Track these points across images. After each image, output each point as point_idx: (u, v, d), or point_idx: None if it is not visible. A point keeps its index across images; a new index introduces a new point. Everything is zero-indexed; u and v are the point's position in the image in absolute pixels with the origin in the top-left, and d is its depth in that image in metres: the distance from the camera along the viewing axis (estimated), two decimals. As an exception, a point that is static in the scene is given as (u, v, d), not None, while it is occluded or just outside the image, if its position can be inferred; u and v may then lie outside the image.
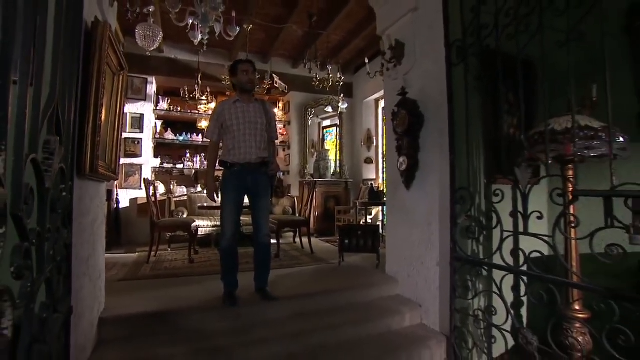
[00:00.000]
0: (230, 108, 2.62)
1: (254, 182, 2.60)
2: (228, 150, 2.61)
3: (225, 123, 2.61)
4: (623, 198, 1.49)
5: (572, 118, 1.76)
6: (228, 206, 2.57)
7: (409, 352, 2.38)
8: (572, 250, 2.07)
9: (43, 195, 0.95)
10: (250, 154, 2.57)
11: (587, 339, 1.97)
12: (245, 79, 2.62)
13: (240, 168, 2.57)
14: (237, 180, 2.58)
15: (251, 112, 2.63)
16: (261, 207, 2.63)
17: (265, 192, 2.67)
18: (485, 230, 2.28)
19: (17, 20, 0.71)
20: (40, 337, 0.92)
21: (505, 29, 2.12)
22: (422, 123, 2.76)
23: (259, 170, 2.62)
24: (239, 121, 2.58)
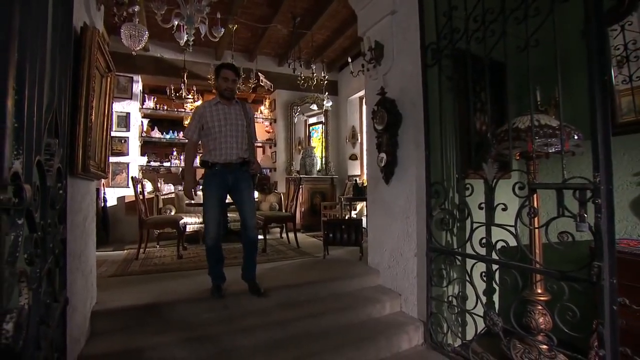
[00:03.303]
0: (211, 109, 2.66)
1: (235, 180, 2.65)
2: (209, 150, 2.65)
3: (206, 124, 2.64)
4: (572, 190, 1.66)
5: (531, 117, 1.92)
6: (211, 205, 2.62)
7: (388, 337, 2.53)
8: (535, 239, 2.25)
9: (45, 193, 1.05)
10: (231, 154, 2.63)
11: (547, 319, 2.15)
12: (224, 86, 2.66)
13: (221, 168, 2.62)
14: (218, 179, 2.62)
15: (232, 113, 2.68)
16: (245, 200, 2.68)
17: (247, 185, 2.71)
18: (458, 222, 2.45)
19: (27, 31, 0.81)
20: (45, 320, 1.02)
21: (474, 33, 2.27)
22: (400, 121, 2.90)
23: (239, 169, 2.67)
24: (220, 123, 2.62)
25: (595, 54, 1.56)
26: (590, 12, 1.58)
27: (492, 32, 2.16)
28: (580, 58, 2.48)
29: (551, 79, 1.90)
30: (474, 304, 2.28)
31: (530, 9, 1.89)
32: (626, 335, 1.79)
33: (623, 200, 2.29)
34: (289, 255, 4.15)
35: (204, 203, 2.66)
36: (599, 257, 1.56)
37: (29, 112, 0.82)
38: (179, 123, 7.43)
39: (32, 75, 0.84)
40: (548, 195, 2.50)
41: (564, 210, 1.70)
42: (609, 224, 1.54)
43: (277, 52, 6.31)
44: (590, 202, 1.60)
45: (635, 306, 1.75)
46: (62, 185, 1.42)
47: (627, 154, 2.30)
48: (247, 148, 2.73)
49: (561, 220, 1.74)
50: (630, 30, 2.33)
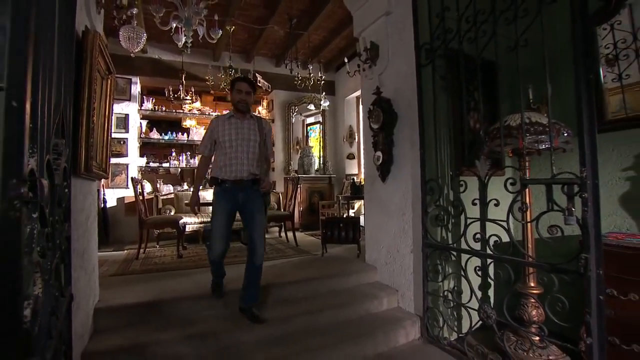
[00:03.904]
0: (224, 124, 2.57)
1: (246, 198, 2.54)
2: (220, 167, 2.55)
3: (218, 139, 2.56)
4: (560, 185, 1.72)
5: (521, 115, 1.98)
6: (218, 223, 2.51)
7: (386, 332, 2.58)
8: (528, 234, 2.31)
9: (53, 191, 1.10)
10: (241, 171, 2.52)
11: (539, 311, 2.21)
12: (237, 98, 2.56)
13: (231, 185, 2.51)
14: (228, 196, 2.53)
15: (245, 128, 2.57)
16: (256, 224, 2.53)
17: (259, 208, 2.58)
18: (453, 218, 2.50)
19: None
20: (55, 311, 1.07)
21: (466, 33, 2.33)
22: (395, 120, 2.95)
23: (250, 187, 2.55)
24: (232, 137, 2.53)
25: (581, 55, 1.62)
26: (575, 14, 1.64)
27: (484, 32, 2.22)
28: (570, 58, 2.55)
29: (543, 77, 1.96)
30: (469, 298, 2.34)
31: (519, 10, 1.96)
32: (614, 325, 1.85)
33: (612, 195, 2.36)
34: (288, 253, 4.20)
35: (212, 219, 2.56)
36: (586, 249, 1.62)
37: (41, 114, 0.87)
38: (177, 124, 7.48)
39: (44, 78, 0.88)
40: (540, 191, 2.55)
41: (553, 204, 1.76)
42: (595, 217, 1.60)
43: (274, 52, 6.36)
44: (577, 196, 1.65)
45: (622, 297, 1.81)
46: (67, 185, 1.46)
47: (617, 150, 2.36)
48: (259, 165, 2.62)
49: (551, 214, 1.80)
50: (619, 30, 2.39)
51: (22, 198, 0.61)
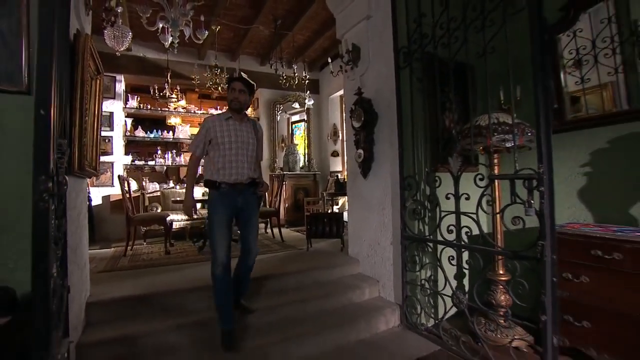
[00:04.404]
0: (222, 124, 2.47)
1: (245, 202, 2.48)
2: (217, 169, 2.43)
3: (215, 139, 2.45)
4: (522, 180, 1.90)
5: (488, 116, 2.16)
6: (219, 229, 2.36)
7: (368, 320, 2.73)
8: (497, 225, 2.50)
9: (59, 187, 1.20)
10: (242, 174, 2.45)
11: (507, 296, 2.40)
12: (231, 97, 2.49)
13: (229, 188, 2.42)
14: (227, 201, 2.42)
15: (244, 131, 2.52)
16: (252, 227, 2.53)
17: (255, 212, 2.58)
18: (429, 211, 2.68)
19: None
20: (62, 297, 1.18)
21: (440, 39, 2.50)
22: (376, 119, 3.11)
23: (248, 190, 2.51)
24: (231, 139, 2.44)
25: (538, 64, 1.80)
26: (533, 26, 1.81)
27: (456, 38, 2.38)
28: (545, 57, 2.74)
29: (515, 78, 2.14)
30: (444, 286, 2.52)
31: (486, 20, 2.12)
32: (570, 305, 2.07)
33: (572, 189, 2.57)
34: (274, 248, 4.32)
35: (210, 227, 2.41)
36: (543, 237, 1.81)
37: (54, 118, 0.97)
38: (162, 122, 7.49)
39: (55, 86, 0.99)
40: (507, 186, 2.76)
41: (515, 197, 1.95)
42: (550, 208, 1.79)
43: (259, 51, 6.44)
44: (536, 190, 1.84)
45: (576, 280, 2.02)
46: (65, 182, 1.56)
47: (576, 148, 2.57)
48: (256, 168, 2.61)
49: (515, 206, 1.98)
50: (581, 37, 2.59)
51: (49, 192, 0.72)
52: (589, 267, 2.00)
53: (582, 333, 2.02)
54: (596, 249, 1.96)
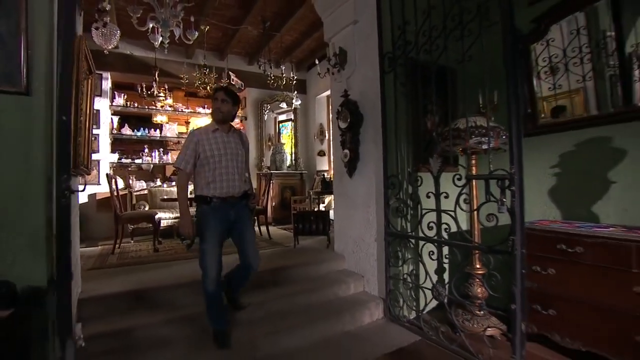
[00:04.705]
0: (209, 137, 2.39)
1: (237, 215, 2.42)
2: (207, 183, 2.35)
3: (203, 153, 2.35)
4: (496, 179, 2.05)
5: (466, 120, 2.31)
6: (210, 245, 2.30)
7: (352, 314, 2.86)
8: (474, 223, 2.66)
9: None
10: (233, 187, 2.39)
11: (483, 289, 2.56)
12: (213, 107, 2.45)
13: (221, 202, 2.35)
14: (218, 215, 2.35)
15: (232, 142, 2.45)
16: (248, 240, 2.46)
17: (249, 224, 2.51)
18: (411, 209, 2.82)
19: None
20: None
21: (422, 45, 2.64)
22: (361, 121, 3.23)
23: (240, 203, 2.45)
24: (220, 152, 2.37)
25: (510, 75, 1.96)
26: (505, 37, 1.97)
27: (437, 45, 2.53)
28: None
29: (490, 86, 2.29)
30: (425, 280, 2.66)
31: (465, 30, 2.27)
32: (538, 295, 2.24)
33: (543, 189, 2.76)
34: (262, 245, 4.41)
35: (201, 242, 2.32)
36: (514, 232, 1.97)
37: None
38: (147, 120, 7.46)
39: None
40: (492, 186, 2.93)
41: (490, 196, 2.10)
42: (521, 206, 1.95)
43: (247, 51, 6.50)
44: (508, 189, 1.99)
45: (544, 272, 2.19)
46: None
47: (547, 150, 2.75)
48: (247, 179, 2.57)
49: (490, 204, 2.14)
50: (553, 46, 2.77)
51: (69, 189, 0.81)
52: (555, 260, 2.18)
53: (548, 320, 2.19)
54: (561, 243, 2.14)
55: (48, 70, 1.81)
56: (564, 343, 2.14)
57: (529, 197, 2.73)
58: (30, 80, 1.74)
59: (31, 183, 1.73)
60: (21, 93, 1.72)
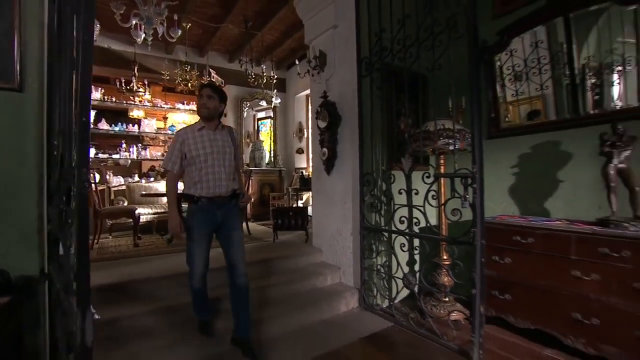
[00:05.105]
0: (194, 135, 2.33)
1: (225, 215, 2.35)
2: (194, 182, 2.31)
3: (189, 152, 2.30)
4: (460, 178, 2.27)
5: (435, 123, 2.53)
6: (197, 245, 2.29)
7: (330, 303, 3.04)
8: (442, 218, 2.89)
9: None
10: (220, 186, 2.32)
11: (449, 278, 2.80)
12: (199, 104, 2.37)
13: (208, 202, 2.30)
14: (205, 215, 2.30)
15: (219, 140, 2.37)
16: (235, 241, 2.35)
17: (237, 225, 2.41)
18: (385, 205, 3.02)
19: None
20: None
21: (397, 52, 2.83)
22: (339, 121, 3.41)
23: (228, 202, 2.38)
24: (206, 151, 2.31)
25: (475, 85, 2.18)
26: (470, 50, 2.18)
27: (411, 53, 2.73)
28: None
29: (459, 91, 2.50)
30: (397, 271, 2.87)
31: (435, 40, 2.48)
32: (496, 282, 2.49)
33: (504, 187, 3.02)
34: (242, 240, 4.52)
35: (188, 241, 2.33)
36: (474, 225, 2.19)
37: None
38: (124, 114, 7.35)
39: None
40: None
41: (454, 193, 2.32)
42: (481, 201, 2.18)
43: (227, 48, 6.55)
44: (470, 186, 2.22)
45: (501, 261, 2.44)
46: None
47: (508, 152, 3.01)
48: (235, 177, 2.47)
49: (455, 200, 2.36)
50: (516, 56, 3.02)
51: (88, 180, 0.94)
52: (511, 250, 2.43)
53: (505, 304, 2.45)
54: (517, 235, 2.40)
55: (40, 68, 1.88)
56: (517, 323, 2.40)
57: (493, 194, 3.02)
58: (23, 77, 1.81)
59: (24, 177, 1.81)
60: (14, 89, 1.79)
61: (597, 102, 2.52)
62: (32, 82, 1.82)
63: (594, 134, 2.24)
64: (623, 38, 2.38)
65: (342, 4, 3.37)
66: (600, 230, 2.05)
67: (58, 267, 1.47)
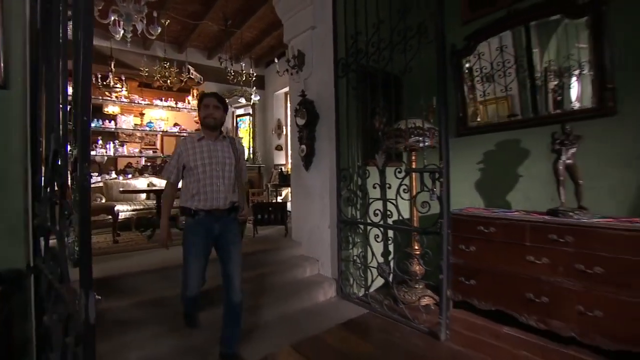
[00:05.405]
0: (194, 147, 2.25)
1: (223, 230, 2.26)
2: (192, 195, 2.22)
3: (187, 164, 2.24)
4: (429, 172, 2.46)
5: (406, 122, 2.71)
6: (194, 260, 2.22)
7: (309, 293, 3.19)
8: (414, 210, 3.08)
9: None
10: (218, 199, 2.23)
11: (420, 267, 2.99)
12: (204, 113, 2.27)
13: (206, 215, 2.22)
14: (202, 229, 2.22)
15: (219, 150, 2.29)
16: (233, 258, 2.26)
17: (236, 240, 2.33)
18: (360, 199, 3.19)
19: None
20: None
21: (372, 55, 2.99)
22: (317, 119, 3.54)
23: (227, 216, 2.28)
24: (204, 162, 2.23)
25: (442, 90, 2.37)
26: (438, 55, 2.37)
27: (384, 56, 2.89)
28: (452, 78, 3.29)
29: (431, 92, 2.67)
30: (371, 261, 3.05)
31: (407, 44, 2.65)
32: (463, 269, 2.71)
33: (471, 181, 3.25)
34: (222, 236, 4.59)
35: (184, 254, 2.25)
36: (442, 216, 2.39)
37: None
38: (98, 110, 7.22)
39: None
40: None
41: (423, 186, 2.51)
42: (447, 194, 2.37)
43: (206, 45, 6.55)
44: (437, 180, 2.41)
45: (467, 249, 2.66)
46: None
47: (475, 149, 3.24)
48: (235, 190, 2.35)
49: (424, 193, 2.54)
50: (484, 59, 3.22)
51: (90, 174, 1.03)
52: (476, 239, 2.65)
53: (470, 289, 2.67)
54: (480, 225, 2.61)
55: (24, 65, 1.92)
56: (480, 306, 2.62)
57: (461, 188, 3.25)
58: (7, 74, 1.85)
59: (10, 173, 1.85)
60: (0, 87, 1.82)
61: (559, 103, 2.73)
62: (17, 80, 1.86)
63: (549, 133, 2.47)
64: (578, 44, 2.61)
65: (320, 6, 3.50)
66: (550, 219, 2.29)
67: (51, 257, 1.55)
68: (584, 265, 2.10)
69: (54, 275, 1.55)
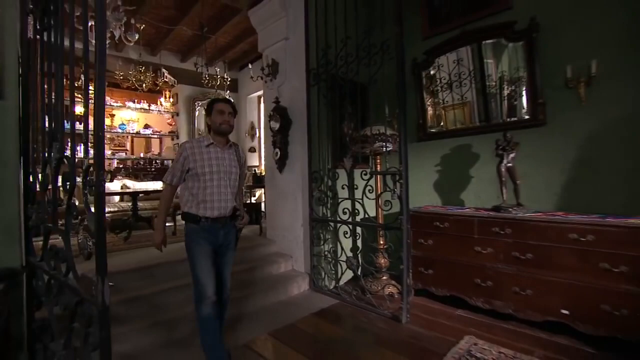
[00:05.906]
0: (201, 151, 2.20)
1: (226, 236, 2.28)
2: (197, 202, 2.19)
3: (194, 169, 2.18)
4: (390, 174, 2.77)
5: (370, 128, 3.01)
6: (203, 263, 2.16)
7: (284, 287, 3.42)
8: (379, 209, 3.39)
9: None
10: (225, 208, 2.22)
11: (385, 259, 3.31)
12: (220, 120, 2.22)
13: (212, 222, 2.19)
14: (209, 235, 2.20)
15: (226, 159, 2.26)
16: (229, 260, 2.35)
17: (233, 245, 2.38)
18: (330, 199, 3.46)
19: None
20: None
21: (340, 67, 3.28)
22: (290, 124, 3.79)
23: (230, 224, 2.30)
24: (212, 169, 2.19)
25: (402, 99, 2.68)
26: (398, 70, 2.68)
27: (352, 69, 3.18)
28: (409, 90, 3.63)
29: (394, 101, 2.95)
30: (340, 255, 3.33)
31: (372, 59, 2.95)
32: (422, 261, 3.04)
33: (430, 182, 3.61)
34: (199, 236, 4.72)
35: (192, 260, 2.19)
36: (402, 213, 2.70)
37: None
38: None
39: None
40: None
41: (386, 187, 2.82)
42: (406, 193, 2.69)
43: (180, 48, 6.62)
44: (398, 181, 2.72)
45: (425, 243, 2.99)
46: (40, 174, 1.91)
47: (434, 153, 3.59)
48: (238, 198, 2.39)
49: (386, 193, 2.86)
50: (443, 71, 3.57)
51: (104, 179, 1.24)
52: (433, 233, 2.99)
53: (429, 278, 3.01)
54: (436, 221, 2.96)
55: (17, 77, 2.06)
56: (437, 292, 2.97)
57: (422, 188, 3.60)
58: (2, 85, 1.98)
59: (6, 177, 1.98)
60: (-5, 97, 1.95)
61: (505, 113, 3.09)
62: (11, 90, 1.99)
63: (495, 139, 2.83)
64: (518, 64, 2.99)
65: (293, 19, 3.75)
66: (494, 214, 2.66)
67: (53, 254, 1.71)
68: (518, 253, 2.48)
69: (57, 270, 1.71)
